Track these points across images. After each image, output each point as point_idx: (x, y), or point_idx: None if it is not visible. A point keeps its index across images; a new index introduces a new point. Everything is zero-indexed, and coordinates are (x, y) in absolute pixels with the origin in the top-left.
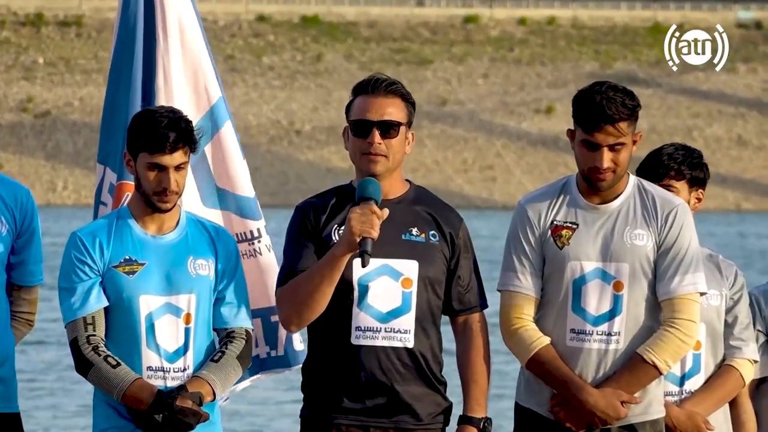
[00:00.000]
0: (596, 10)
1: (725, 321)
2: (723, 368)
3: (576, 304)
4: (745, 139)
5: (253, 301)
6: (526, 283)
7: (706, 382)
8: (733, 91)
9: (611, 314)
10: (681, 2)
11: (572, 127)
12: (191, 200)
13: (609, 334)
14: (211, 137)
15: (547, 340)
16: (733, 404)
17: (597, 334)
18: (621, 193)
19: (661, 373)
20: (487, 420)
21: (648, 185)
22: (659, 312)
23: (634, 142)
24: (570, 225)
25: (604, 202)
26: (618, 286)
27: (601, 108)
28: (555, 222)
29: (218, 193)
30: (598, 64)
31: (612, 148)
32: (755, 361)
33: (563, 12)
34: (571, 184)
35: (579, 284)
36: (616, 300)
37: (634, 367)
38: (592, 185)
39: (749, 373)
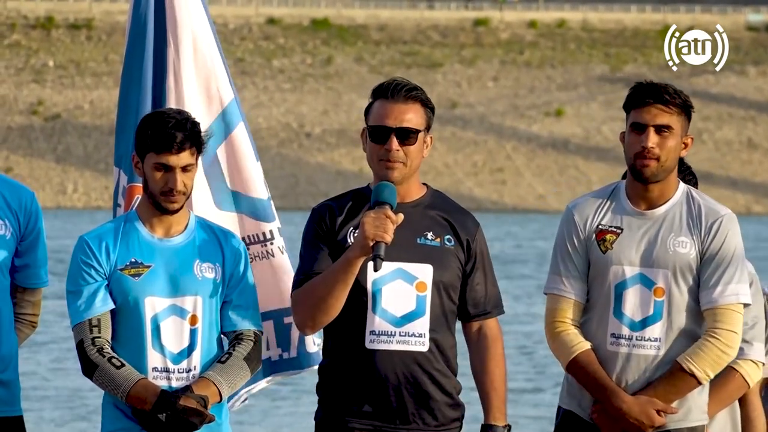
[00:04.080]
0: (606, 12)
1: None
2: (726, 370)
3: (617, 308)
4: (755, 142)
5: (265, 302)
6: (570, 287)
7: (709, 383)
8: (743, 94)
9: (651, 320)
10: (691, 5)
11: (624, 130)
12: (205, 203)
13: (649, 340)
14: (223, 139)
15: (587, 345)
16: (743, 402)
17: (636, 339)
18: (669, 199)
19: (699, 383)
20: (509, 427)
21: (696, 194)
22: (702, 320)
23: (685, 145)
24: (615, 230)
25: (651, 208)
26: (659, 292)
27: (652, 86)
28: (600, 226)
29: (231, 195)
30: (608, 66)
31: (659, 131)
32: (762, 363)
33: (573, 15)
34: (620, 189)
35: (621, 289)
36: (657, 306)
37: (672, 376)
38: (637, 174)
39: (754, 373)
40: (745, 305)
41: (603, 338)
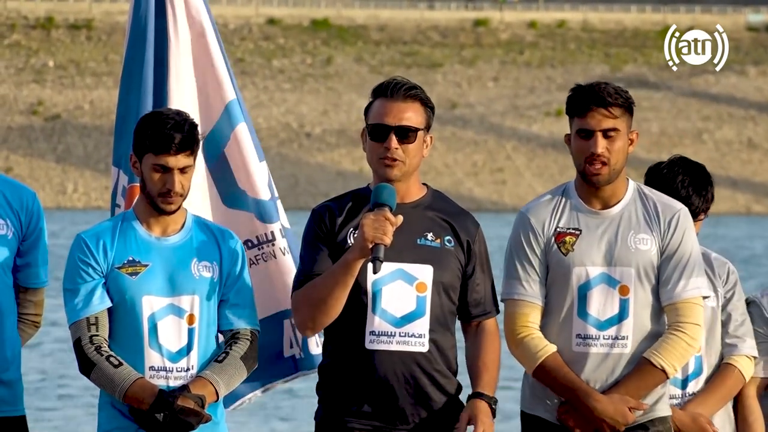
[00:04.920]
0: (606, 13)
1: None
2: (722, 367)
3: (582, 309)
4: (755, 142)
5: (281, 302)
6: (531, 291)
7: (707, 382)
8: (744, 94)
9: (618, 318)
10: (691, 5)
11: (569, 132)
12: (209, 202)
13: (617, 338)
14: (228, 138)
15: (553, 348)
16: (740, 406)
17: (604, 338)
18: (622, 198)
19: (668, 377)
20: (495, 401)
21: (648, 190)
22: (662, 316)
23: (631, 142)
24: (573, 231)
25: (606, 207)
26: (624, 291)
27: (592, 91)
28: (558, 229)
29: (241, 194)
30: (608, 66)
31: (605, 134)
32: (754, 357)
33: (573, 15)
34: (571, 189)
35: (584, 290)
36: (623, 304)
37: (641, 372)
38: (589, 180)
39: (749, 369)
40: (705, 297)
41: (567, 340)
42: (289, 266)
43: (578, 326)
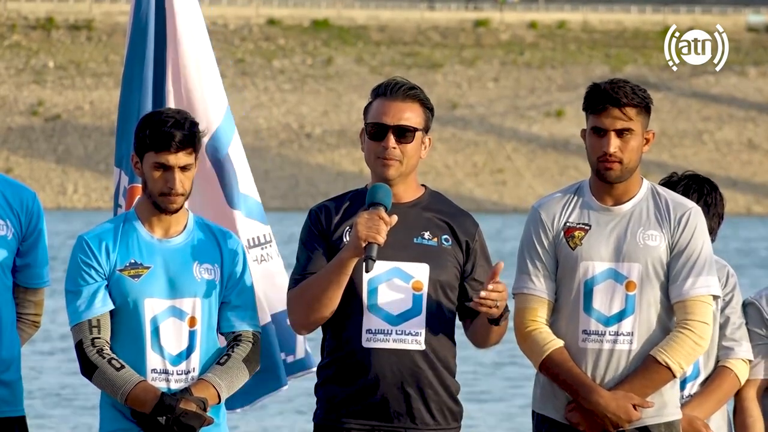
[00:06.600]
0: (606, 13)
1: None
2: (718, 370)
3: (587, 304)
4: (755, 143)
5: (280, 303)
6: (540, 286)
7: (703, 384)
8: (744, 94)
9: (623, 314)
10: (691, 5)
11: (584, 127)
12: (215, 201)
13: (621, 335)
14: (231, 139)
15: (560, 342)
16: (738, 408)
17: (609, 334)
18: (634, 195)
19: (674, 376)
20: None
21: (661, 189)
22: (672, 314)
23: (647, 141)
24: (583, 226)
25: (617, 204)
26: (630, 287)
27: (608, 90)
28: (568, 223)
29: (241, 195)
30: (609, 67)
31: (620, 134)
32: (749, 361)
33: (573, 16)
34: (585, 186)
35: (591, 285)
36: (628, 300)
37: (647, 369)
38: (601, 176)
39: (744, 372)
40: (715, 297)
41: (574, 335)
42: (282, 268)
43: (584, 322)
